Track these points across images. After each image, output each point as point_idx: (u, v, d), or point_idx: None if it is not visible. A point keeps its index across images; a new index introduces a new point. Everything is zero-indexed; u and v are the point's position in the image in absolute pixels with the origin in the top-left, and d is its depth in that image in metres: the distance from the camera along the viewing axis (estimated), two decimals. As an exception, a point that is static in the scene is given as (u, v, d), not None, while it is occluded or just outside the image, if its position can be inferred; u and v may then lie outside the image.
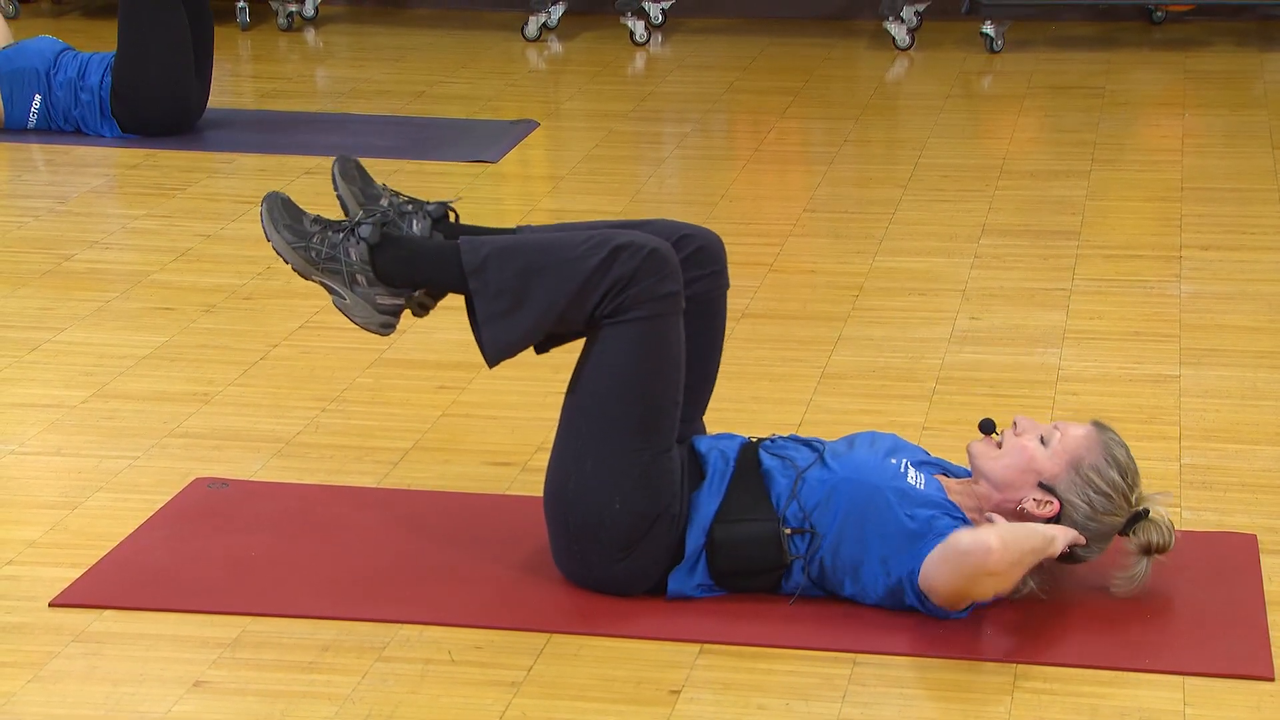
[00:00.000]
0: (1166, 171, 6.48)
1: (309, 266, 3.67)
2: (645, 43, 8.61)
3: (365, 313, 3.66)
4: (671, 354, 3.53)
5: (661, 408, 3.52)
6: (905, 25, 8.41)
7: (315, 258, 3.66)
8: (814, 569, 3.50)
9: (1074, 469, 3.47)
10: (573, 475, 3.52)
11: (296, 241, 3.67)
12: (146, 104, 6.81)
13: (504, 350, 3.57)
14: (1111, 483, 3.46)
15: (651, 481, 3.50)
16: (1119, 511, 3.48)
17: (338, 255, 3.63)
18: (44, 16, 9.19)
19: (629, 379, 3.50)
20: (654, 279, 3.48)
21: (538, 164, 6.84)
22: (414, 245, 3.65)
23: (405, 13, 9.34)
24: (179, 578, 3.66)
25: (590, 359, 3.53)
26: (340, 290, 3.66)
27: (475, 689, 3.30)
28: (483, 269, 3.54)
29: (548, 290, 3.50)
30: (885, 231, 5.84)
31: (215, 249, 5.72)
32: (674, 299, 3.51)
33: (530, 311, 3.52)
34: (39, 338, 4.96)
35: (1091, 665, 3.35)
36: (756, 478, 3.55)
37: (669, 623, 3.49)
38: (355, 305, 3.66)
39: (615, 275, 3.47)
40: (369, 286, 3.64)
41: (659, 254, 3.49)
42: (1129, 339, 4.93)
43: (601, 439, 3.50)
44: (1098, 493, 3.46)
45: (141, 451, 4.26)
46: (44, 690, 3.29)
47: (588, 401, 3.52)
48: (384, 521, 3.90)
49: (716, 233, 3.72)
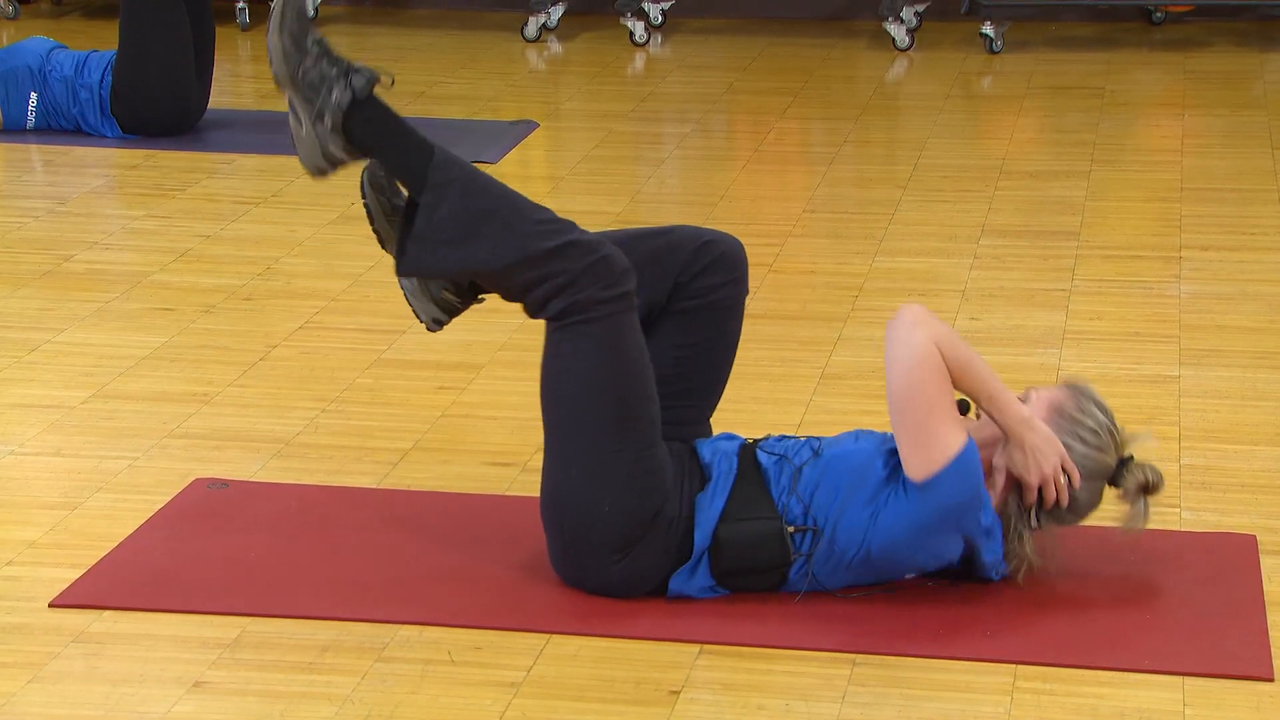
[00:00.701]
0: (1166, 172, 6.48)
1: (289, 80, 3.56)
2: (645, 43, 8.61)
3: (311, 151, 3.58)
4: (631, 352, 3.52)
5: (633, 405, 3.51)
6: (905, 26, 8.41)
7: (300, 76, 3.56)
8: (816, 563, 3.50)
9: (1057, 414, 3.52)
10: (561, 482, 3.53)
11: (293, 52, 3.56)
12: (147, 104, 6.81)
13: (419, 272, 3.55)
14: (1097, 420, 3.53)
15: (638, 480, 3.49)
16: (1108, 449, 3.54)
17: (319, 87, 3.55)
18: (44, 17, 9.19)
19: (594, 383, 3.49)
20: (599, 285, 3.47)
21: (537, 164, 6.84)
22: (393, 125, 3.58)
23: (405, 13, 9.35)
24: (179, 578, 3.66)
25: (552, 367, 3.53)
26: (303, 117, 3.57)
27: (475, 689, 3.30)
28: (443, 189, 3.50)
29: (489, 246, 3.48)
30: (885, 232, 5.84)
31: (215, 250, 5.72)
32: (624, 299, 3.50)
33: (463, 253, 3.50)
34: (39, 338, 4.96)
35: (1091, 666, 3.35)
36: (757, 477, 3.56)
37: (669, 623, 3.49)
38: (307, 139, 3.57)
39: (558, 268, 3.46)
40: (330, 131, 3.56)
41: (608, 260, 3.49)
42: (1129, 339, 4.93)
43: (580, 445, 3.51)
44: (1086, 430, 3.52)
45: (141, 452, 4.26)
46: (44, 691, 3.29)
47: (559, 410, 3.53)
48: (384, 522, 3.90)
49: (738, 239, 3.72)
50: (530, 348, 4.61)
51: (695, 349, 3.68)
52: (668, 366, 3.64)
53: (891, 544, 3.47)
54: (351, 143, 3.58)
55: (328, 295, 5.27)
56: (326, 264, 5.53)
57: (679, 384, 3.66)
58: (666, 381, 3.62)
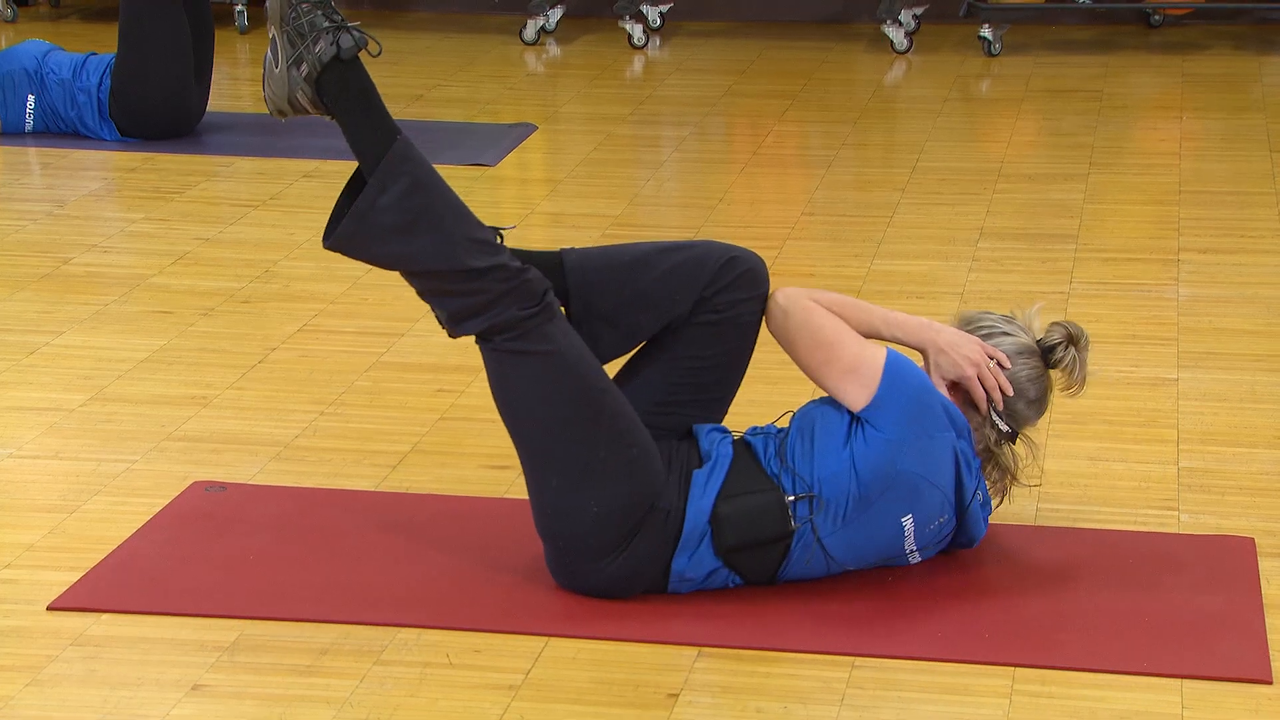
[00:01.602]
0: (1164, 175, 6.49)
1: (278, 19, 3.56)
2: (643, 46, 8.61)
3: (278, 90, 3.57)
4: (569, 353, 3.53)
5: (590, 402, 3.52)
6: (903, 28, 8.41)
7: (290, 17, 3.55)
8: (820, 528, 3.51)
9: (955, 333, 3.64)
10: (545, 496, 3.55)
11: None
12: (146, 107, 6.81)
13: (349, 251, 3.53)
14: (989, 317, 3.67)
15: (620, 474, 3.50)
16: (1016, 333, 3.64)
17: (305, 35, 3.54)
18: (42, 20, 9.19)
19: (545, 393, 3.52)
20: (516, 306, 3.49)
21: (536, 167, 6.84)
22: (368, 96, 3.56)
23: (403, 16, 9.35)
24: (177, 581, 3.66)
25: (501, 389, 3.56)
26: (280, 59, 3.56)
27: (473, 692, 3.30)
28: (394, 177, 3.49)
29: (421, 246, 3.49)
30: (883, 234, 5.84)
31: (214, 252, 5.72)
32: (544, 310, 3.52)
33: (396, 245, 3.50)
34: (37, 341, 4.96)
35: (1089, 668, 3.35)
36: (750, 457, 3.59)
37: (667, 626, 3.49)
38: (279, 79, 3.56)
39: (476, 287, 3.48)
40: (303, 80, 3.55)
41: (528, 284, 3.51)
42: (1127, 342, 4.93)
43: (551, 456, 3.52)
44: (986, 327, 3.65)
45: (140, 455, 4.26)
46: (42, 694, 3.29)
47: (521, 428, 3.56)
48: (382, 525, 3.90)
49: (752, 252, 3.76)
50: (529, 351, 4.62)
51: (712, 360, 3.71)
52: (684, 375, 3.66)
53: (876, 476, 3.50)
54: (321, 97, 3.57)
55: (326, 298, 5.27)
56: (325, 267, 5.52)
57: (693, 393, 3.68)
58: (681, 390, 3.65)
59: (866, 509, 3.51)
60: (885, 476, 3.50)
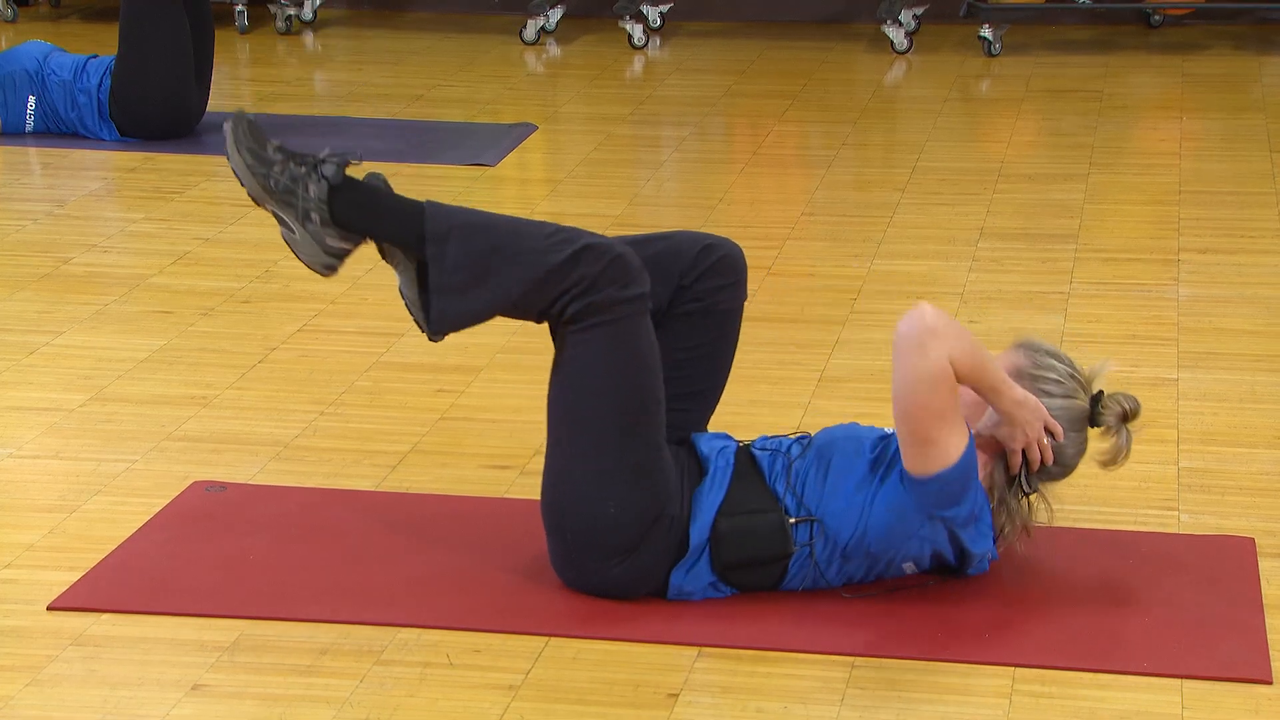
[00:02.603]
0: (1164, 175, 6.49)
1: (264, 194, 3.58)
2: (643, 46, 8.61)
3: (311, 251, 3.59)
4: (643, 354, 3.53)
5: (643, 408, 3.52)
6: (903, 29, 8.41)
7: (273, 186, 3.57)
8: (818, 553, 3.50)
9: (1018, 378, 3.53)
10: (564, 484, 3.53)
11: (257, 166, 3.59)
12: (146, 107, 6.81)
13: (451, 324, 3.53)
14: (1058, 370, 3.56)
15: (643, 482, 3.50)
16: (1077, 394, 3.56)
17: (295, 190, 3.56)
18: (43, 20, 9.19)
19: (605, 385, 3.50)
20: (617, 286, 3.48)
21: (536, 167, 6.84)
22: (377, 196, 3.58)
23: (403, 16, 9.35)
24: (177, 581, 3.66)
25: (563, 368, 3.53)
26: (291, 224, 3.58)
27: (474, 692, 3.30)
28: (445, 239, 3.49)
29: (507, 276, 3.48)
30: (883, 235, 5.84)
31: (214, 252, 5.72)
32: (640, 301, 3.51)
33: (485, 293, 3.49)
34: (37, 341, 4.96)
35: (1089, 668, 3.35)
36: (755, 472, 3.57)
37: (667, 626, 3.49)
38: (303, 242, 3.59)
39: (577, 275, 3.47)
40: (321, 226, 3.57)
41: (623, 259, 3.49)
42: (1127, 342, 4.93)
43: (586, 447, 3.51)
44: (1050, 383, 3.54)
45: (140, 455, 4.26)
46: (42, 694, 3.29)
47: (567, 412, 3.53)
48: (382, 525, 3.90)
49: (738, 244, 3.73)
50: (529, 350, 4.62)
51: (696, 352, 3.69)
52: (668, 370, 3.64)
53: (887, 530, 3.48)
54: (345, 229, 3.58)
55: (326, 298, 5.27)
56: (325, 267, 5.52)
57: (679, 387, 3.66)
58: (667, 384, 3.63)
59: (867, 551, 3.51)
60: (895, 536, 3.49)
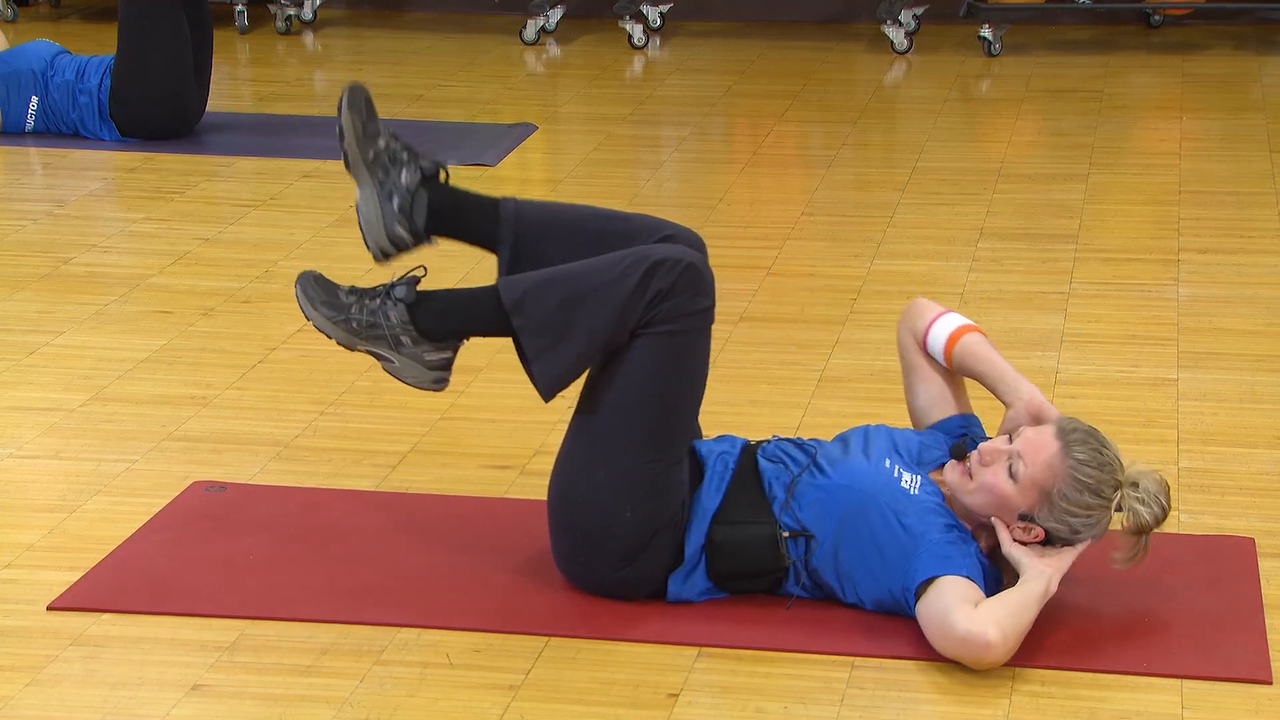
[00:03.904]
0: (1164, 175, 6.49)
1: (352, 337, 3.63)
2: (643, 46, 8.61)
3: (415, 372, 3.63)
4: (698, 367, 3.54)
5: (682, 421, 3.54)
6: (903, 29, 8.41)
7: (356, 328, 3.62)
8: (811, 573, 3.51)
9: (1046, 500, 3.41)
10: (582, 482, 3.52)
11: (335, 315, 3.63)
12: (146, 107, 6.82)
13: (556, 382, 3.53)
14: (1085, 505, 3.40)
15: (662, 492, 3.50)
16: (1102, 520, 3.43)
17: (378, 320, 3.60)
18: (42, 20, 9.19)
19: (654, 391, 3.50)
20: (688, 295, 3.47)
21: (536, 167, 6.84)
22: (453, 296, 3.63)
23: (403, 16, 9.35)
24: (177, 581, 3.66)
25: (613, 365, 3.52)
26: (387, 354, 3.62)
27: (474, 692, 3.30)
28: (522, 304, 3.51)
29: (589, 317, 3.48)
30: (883, 235, 5.84)
31: (214, 252, 5.72)
32: (706, 314, 3.51)
33: (575, 341, 3.49)
34: (37, 341, 4.96)
35: (1089, 669, 3.35)
36: (755, 481, 3.56)
37: (667, 626, 3.49)
38: (405, 366, 3.62)
39: (653, 291, 3.46)
40: (414, 345, 3.61)
41: (694, 270, 3.48)
42: (1127, 342, 4.93)
43: (618, 448, 3.50)
44: (1076, 515, 3.41)
45: (140, 455, 4.26)
46: (42, 693, 3.29)
47: (607, 410, 3.52)
48: (382, 525, 3.90)
49: (698, 233, 3.70)
50: (529, 351, 4.62)
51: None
52: None
53: (889, 605, 3.48)
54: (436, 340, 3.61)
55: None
56: (325, 267, 5.49)
57: None
58: None
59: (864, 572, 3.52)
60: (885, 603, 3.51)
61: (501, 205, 3.67)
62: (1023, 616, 3.32)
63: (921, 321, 3.73)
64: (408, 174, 3.65)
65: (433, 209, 3.66)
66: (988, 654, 3.27)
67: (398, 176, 3.65)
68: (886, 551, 3.44)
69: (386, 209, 3.64)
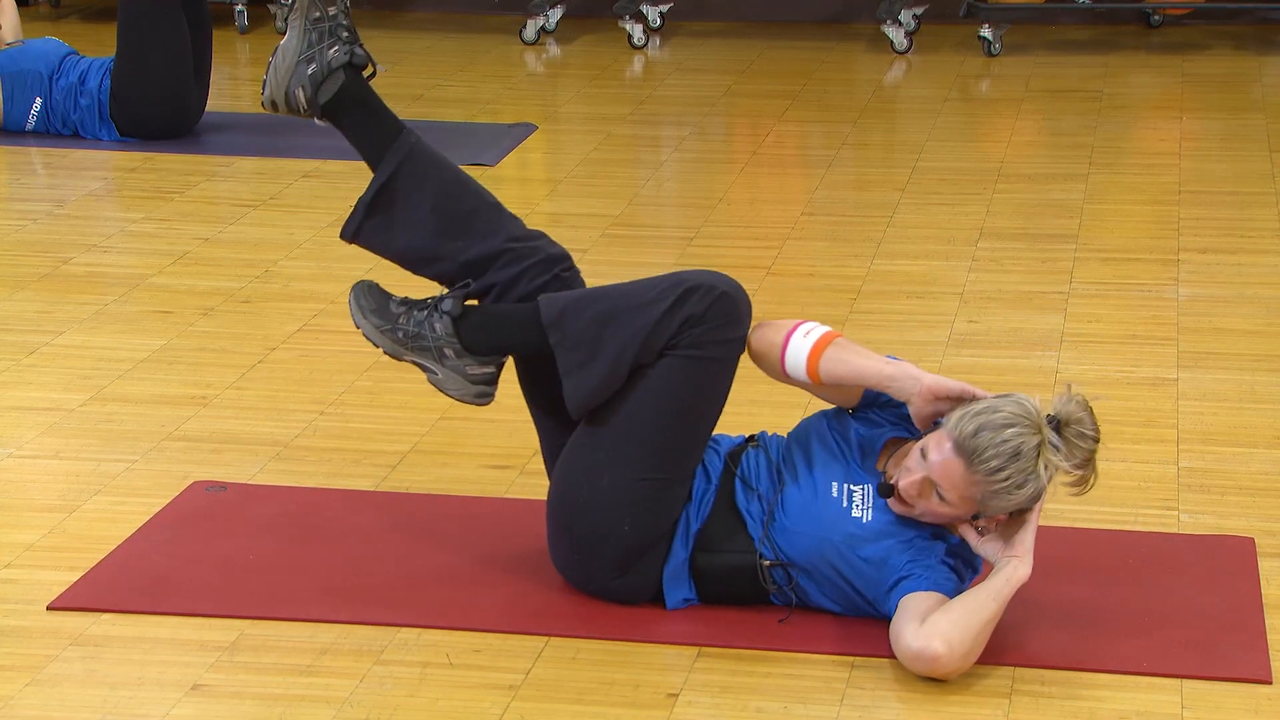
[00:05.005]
0: (1164, 175, 6.49)
1: (398, 347, 3.63)
2: (643, 46, 8.61)
3: (459, 385, 3.64)
4: (717, 395, 3.54)
5: (696, 442, 3.54)
6: (903, 29, 8.41)
7: (403, 338, 3.62)
8: (799, 593, 3.51)
9: (983, 504, 3.36)
10: (584, 487, 3.52)
11: (383, 325, 3.63)
12: (145, 108, 6.82)
13: (585, 399, 3.53)
14: (1018, 485, 3.33)
15: (662, 508, 3.51)
16: (1039, 473, 3.33)
17: (423, 332, 3.61)
18: (42, 20, 9.19)
19: (671, 409, 3.50)
20: (718, 324, 3.47)
21: (536, 167, 6.84)
22: (496, 311, 3.63)
23: (403, 16, 9.35)
24: (177, 581, 3.66)
25: (637, 380, 3.51)
26: (431, 366, 3.63)
27: (473, 692, 3.30)
28: (560, 321, 3.52)
29: (620, 336, 3.48)
30: (883, 234, 5.84)
31: (214, 252, 5.72)
32: (736, 344, 3.51)
33: (605, 358, 3.49)
34: (37, 341, 4.96)
35: (1089, 668, 3.35)
36: (732, 510, 3.55)
37: (667, 626, 3.49)
38: (448, 379, 3.63)
39: (684, 315, 3.46)
40: (458, 359, 3.62)
41: (728, 299, 3.48)
42: (1127, 342, 4.93)
43: (626, 458, 3.50)
44: (1017, 487, 3.33)
45: (140, 455, 4.26)
46: (42, 693, 3.29)
47: (622, 420, 3.51)
48: (382, 525, 3.90)
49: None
50: (529, 350, 4.62)
51: None
52: None
53: (880, 615, 3.48)
54: (480, 353, 3.62)
55: (326, 298, 5.27)
56: (325, 266, 5.53)
57: None
58: None
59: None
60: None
61: (400, 137, 3.65)
62: (975, 618, 3.30)
63: (773, 360, 3.57)
64: (338, 51, 3.63)
65: (340, 96, 3.64)
66: (939, 666, 3.28)
67: (328, 48, 3.63)
68: (857, 585, 3.47)
69: (299, 70, 3.63)
